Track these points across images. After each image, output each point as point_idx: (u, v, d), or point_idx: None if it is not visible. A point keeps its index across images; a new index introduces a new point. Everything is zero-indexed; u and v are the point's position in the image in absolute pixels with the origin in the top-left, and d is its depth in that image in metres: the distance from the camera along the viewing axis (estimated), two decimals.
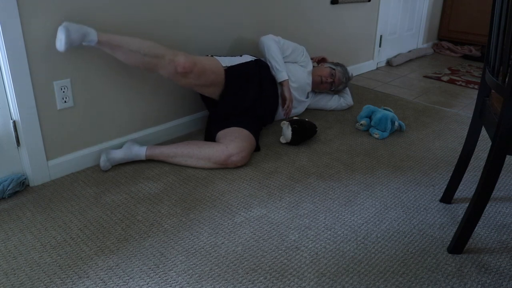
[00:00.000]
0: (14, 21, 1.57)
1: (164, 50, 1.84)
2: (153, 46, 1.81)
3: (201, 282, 1.29)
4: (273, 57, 2.27)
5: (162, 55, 1.82)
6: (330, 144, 2.23)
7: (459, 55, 4.30)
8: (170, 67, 1.84)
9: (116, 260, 1.38)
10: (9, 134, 1.71)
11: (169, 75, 1.88)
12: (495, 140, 1.27)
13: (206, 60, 2.00)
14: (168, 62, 1.83)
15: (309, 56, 2.51)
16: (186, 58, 1.86)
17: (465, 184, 1.88)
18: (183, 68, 1.85)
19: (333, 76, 2.52)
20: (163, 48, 1.84)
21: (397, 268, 1.37)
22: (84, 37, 1.69)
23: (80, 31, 1.67)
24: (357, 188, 1.82)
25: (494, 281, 1.33)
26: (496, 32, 1.32)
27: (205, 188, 1.79)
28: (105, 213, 1.61)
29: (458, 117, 2.65)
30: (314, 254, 1.42)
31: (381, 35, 3.65)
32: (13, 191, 1.70)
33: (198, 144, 1.96)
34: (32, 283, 1.27)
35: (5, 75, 1.62)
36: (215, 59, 2.05)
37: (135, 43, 1.78)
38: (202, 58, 1.98)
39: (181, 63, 1.84)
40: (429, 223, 1.61)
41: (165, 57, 1.83)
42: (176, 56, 1.84)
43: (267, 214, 1.63)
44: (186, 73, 1.87)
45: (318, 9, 2.92)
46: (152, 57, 1.81)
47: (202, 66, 1.93)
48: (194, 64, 1.88)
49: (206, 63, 1.96)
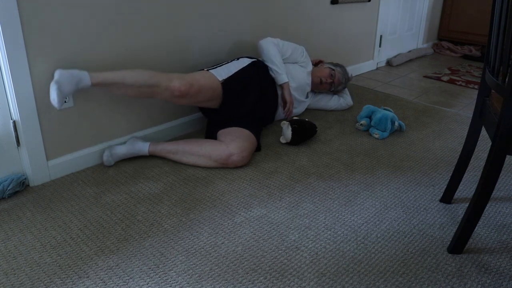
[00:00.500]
0: (14, 21, 1.57)
1: (158, 78, 1.83)
2: (147, 77, 1.81)
3: (201, 282, 1.29)
4: (273, 60, 2.27)
5: (157, 84, 1.83)
6: (330, 144, 2.23)
7: (459, 55, 4.30)
8: (167, 93, 1.86)
9: (116, 260, 1.38)
10: (9, 134, 1.71)
11: (167, 99, 1.90)
12: (495, 140, 1.27)
13: (202, 78, 1.98)
14: (165, 89, 1.85)
15: (309, 56, 2.51)
16: (181, 82, 1.86)
17: (465, 184, 1.88)
18: (179, 92, 1.86)
19: (332, 77, 2.52)
20: (157, 76, 1.84)
21: (397, 268, 1.37)
22: (77, 84, 1.70)
23: (72, 81, 1.67)
24: (357, 188, 1.82)
25: (494, 281, 1.33)
26: (496, 32, 1.32)
27: (205, 188, 1.79)
28: (105, 213, 1.61)
29: (458, 117, 2.65)
30: (314, 254, 1.42)
31: (381, 35, 3.65)
32: (13, 191, 1.70)
33: (199, 142, 1.96)
34: (32, 283, 1.27)
35: (5, 75, 1.62)
36: (211, 75, 2.03)
37: (129, 77, 1.79)
38: (198, 77, 1.96)
39: (177, 88, 1.85)
40: (429, 223, 1.61)
41: (161, 85, 1.83)
42: (171, 82, 1.85)
43: (267, 214, 1.63)
44: (183, 96, 1.88)
45: (318, 9, 2.92)
46: (148, 87, 1.82)
47: (198, 86, 1.93)
48: (190, 85, 1.88)
49: (202, 81, 1.96)
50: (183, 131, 2.30)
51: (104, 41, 1.86)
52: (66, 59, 1.76)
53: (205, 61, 2.30)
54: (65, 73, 1.67)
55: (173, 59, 2.15)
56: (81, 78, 1.70)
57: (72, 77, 1.68)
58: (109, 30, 1.86)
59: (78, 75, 1.70)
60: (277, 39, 2.34)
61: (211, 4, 2.23)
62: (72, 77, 1.68)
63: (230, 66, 2.14)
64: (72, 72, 1.69)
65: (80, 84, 1.70)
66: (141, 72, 1.82)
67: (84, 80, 1.71)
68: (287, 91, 2.28)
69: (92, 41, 1.82)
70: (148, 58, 2.04)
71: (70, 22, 1.73)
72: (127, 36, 1.93)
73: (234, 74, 2.09)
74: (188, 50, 2.20)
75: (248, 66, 2.18)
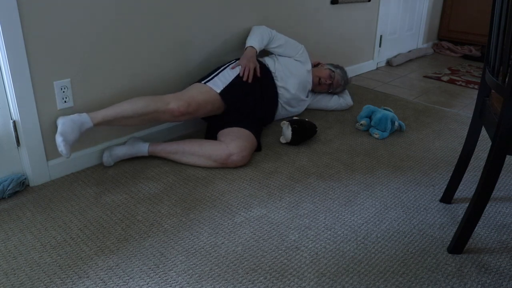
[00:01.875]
0: (14, 21, 1.57)
1: (155, 103, 1.86)
2: (144, 105, 1.84)
3: (201, 282, 1.29)
4: (251, 33, 2.29)
5: (156, 109, 1.85)
6: (330, 144, 2.23)
7: (459, 55, 4.30)
8: (167, 116, 1.89)
9: (116, 260, 1.38)
10: (9, 134, 1.71)
11: (170, 120, 1.93)
12: (495, 140, 1.27)
13: (199, 93, 1.98)
14: (163, 112, 1.87)
15: (308, 56, 2.51)
16: (178, 103, 1.89)
17: (465, 184, 1.88)
18: (179, 113, 1.89)
19: (331, 78, 2.53)
20: (154, 101, 1.86)
21: (397, 268, 1.37)
22: (80, 129, 1.73)
23: (75, 128, 1.71)
24: (357, 188, 1.82)
25: (494, 281, 1.33)
26: (496, 32, 1.32)
27: (205, 188, 1.79)
28: (105, 213, 1.61)
29: (458, 117, 2.65)
30: (314, 254, 1.42)
31: (381, 35, 3.65)
32: (13, 191, 1.70)
33: (199, 142, 1.96)
34: (32, 283, 1.28)
35: (5, 75, 1.62)
36: (207, 88, 2.03)
37: (127, 109, 1.82)
38: (194, 93, 1.98)
39: (176, 109, 1.88)
40: (429, 223, 1.61)
41: (159, 109, 1.86)
42: (169, 105, 1.87)
43: (267, 214, 1.63)
44: (183, 115, 1.91)
45: (318, 9, 2.92)
46: (148, 114, 1.85)
47: (196, 103, 1.95)
48: (188, 104, 1.91)
49: (199, 98, 1.97)
50: (183, 131, 2.30)
51: (104, 40, 1.86)
52: (66, 58, 1.76)
53: (204, 62, 2.30)
54: (67, 122, 1.71)
55: (172, 59, 2.15)
56: (82, 122, 1.74)
57: (74, 124, 1.72)
58: (109, 29, 1.86)
59: (80, 120, 1.74)
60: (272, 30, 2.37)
61: (210, 4, 2.23)
62: (74, 124, 1.72)
63: (226, 74, 2.13)
64: (73, 118, 1.73)
65: (83, 128, 1.75)
66: (138, 101, 1.85)
67: (86, 124, 1.75)
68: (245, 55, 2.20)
69: (92, 41, 1.82)
70: (148, 59, 2.04)
71: (71, 22, 1.73)
72: (127, 36, 1.93)
73: (232, 81, 2.09)
74: (187, 51, 2.20)
75: None
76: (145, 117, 1.86)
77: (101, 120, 1.78)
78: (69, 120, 1.72)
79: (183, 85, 2.24)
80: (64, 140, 1.66)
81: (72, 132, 1.70)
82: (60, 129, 1.68)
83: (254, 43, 2.25)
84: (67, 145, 1.66)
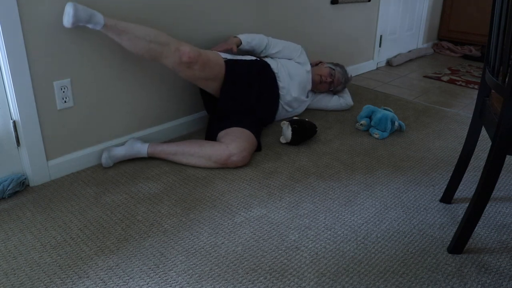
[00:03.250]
0: (14, 21, 1.57)
1: (170, 39, 1.86)
2: (159, 34, 1.83)
3: (201, 282, 1.29)
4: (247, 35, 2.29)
5: (168, 43, 1.83)
6: (330, 144, 2.23)
7: (459, 55, 4.30)
8: (175, 56, 1.85)
9: (116, 260, 1.38)
10: (9, 134, 1.71)
11: (174, 64, 1.88)
12: (495, 140, 1.27)
13: (211, 52, 2.04)
14: (174, 51, 1.85)
15: (307, 56, 2.51)
16: (191, 48, 1.89)
17: (465, 184, 1.88)
18: (188, 58, 1.86)
19: (332, 76, 2.52)
20: (169, 37, 1.86)
21: (397, 268, 1.37)
22: (91, 18, 1.68)
23: (88, 12, 1.67)
24: (357, 188, 1.82)
25: (494, 281, 1.33)
26: (496, 32, 1.32)
27: (205, 188, 1.79)
28: (105, 213, 1.61)
29: (458, 117, 2.65)
30: (314, 254, 1.42)
31: (381, 35, 3.65)
32: (13, 191, 1.70)
33: (199, 143, 1.96)
34: (32, 283, 1.28)
35: (5, 75, 1.62)
36: (218, 53, 2.10)
37: (141, 30, 1.80)
38: (207, 51, 2.03)
39: (186, 53, 1.85)
40: (429, 223, 1.61)
41: (171, 45, 1.84)
42: (182, 46, 1.86)
43: (267, 214, 1.63)
44: (191, 63, 1.88)
45: (318, 9, 2.92)
46: (158, 44, 1.81)
47: (207, 57, 1.96)
48: (199, 54, 1.91)
49: (210, 55, 2.00)
50: (183, 131, 2.30)
51: (104, 40, 1.86)
52: (66, 58, 1.76)
53: None
54: (79, 5, 1.65)
55: None
56: (95, 14, 1.70)
57: (88, 9, 1.67)
58: None
59: (93, 11, 1.69)
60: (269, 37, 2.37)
61: (210, 4, 2.23)
62: (88, 9, 1.67)
63: (235, 56, 2.19)
64: (87, 7, 1.68)
65: (93, 19, 1.69)
66: (154, 29, 1.84)
67: (97, 17, 1.70)
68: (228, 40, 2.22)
69: (92, 41, 1.82)
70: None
71: None
72: None
73: (239, 60, 2.14)
74: None
75: (252, 61, 2.20)
76: (154, 46, 1.80)
77: (113, 24, 1.73)
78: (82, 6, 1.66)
79: (185, 84, 2.24)
80: (75, 8, 1.61)
81: (84, 11, 1.65)
82: (72, 2, 1.64)
83: (241, 35, 2.28)
84: (76, 17, 1.61)
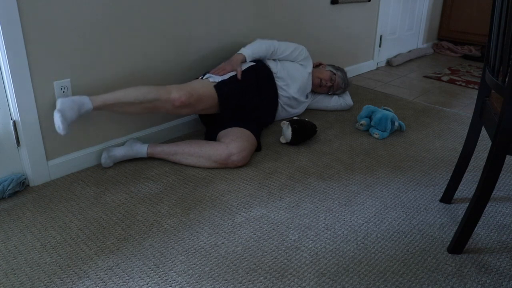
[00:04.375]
0: (14, 21, 1.57)
1: (157, 91, 1.86)
2: (147, 92, 1.84)
3: (201, 282, 1.29)
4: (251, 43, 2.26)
5: (157, 97, 1.85)
6: (330, 144, 2.23)
7: (459, 55, 4.30)
8: (168, 105, 1.88)
9: (116, 260, 1.38)
10: (9, 134, 1.71)
11: (170, 111, 1.92)
12: (495, 140, 1.27)
13: (200, 86, 1.99)
14: (165, 101, 1.87)
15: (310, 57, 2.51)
16: (180, 92, 1.89)
17: (465, 184, 1.88)
18: (180, 103, 1.89)
19: (332, 81, 2.53)
20: (156, 90, 1.86)
21: (397, 268, 1.37)
22: (80, 109, 1.72)
23: (74, 107, 1.69)
24: (357, 188, 1.82)
25: (494, 281, 1.33)
26: (496, 32, 1.32)
27: (205, 188, 1.79)
28: (105, 213, 1.61)
29: (458, 117, 2.65)
30: (314, 254, 1.42)
31: (381, 35, 3.65)
32: (13, 191, 1.70)
33: (199, 143, 1.96)
34: (32, 283, 1.28)
35: (5, 75, 1.62)
36: (208, 82, 2.03)
37: (130, 95, 1.81)
38: (196, 85, 1.98)
39: (177, 98, 1.87)
40: (429, 223, 1.61)
41: (161, 97, 1.85)
42: (170, 94, 1.87)
43: (267, 214, 1.63)
44: (184, 105, 1.90)
45: (318, 9, 2.92)
46: (149, 102, 1.84)
47: (198, 95, 1.95)
48: (189, 95, 1.91)
49: (200, 90, 1.97)
50: (183, 131, 2.30)
51: (105, 40, 1.86)
52: (66, 58, 1.76)
53: (204, 62, 2.30)
54: (67, 101, 1.69)
55: (173, 60, 2.15)
56: (82, 102, 1.73)
57: (74, 103, 1.70)
58: (109, 30, 1.86)
59: (80, 100, 1.73)
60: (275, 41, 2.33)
61: (210, 4, 2.23)
62: (74, 103, 1.70)
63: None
64: (73, 99, 1.72)
65: (82, 109, 1.73)
66: (140, 89, 1.84)
67: (85, 105, 1.74)
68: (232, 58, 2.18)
69: (92, 41, 1.82)
70: (148, 59, 2.04)
71: (71, 22, 1.73)
72: (128, 36, 1.93)
73: (229, 78, 2.09)
74: (188, 51, 2.20)
75: (245, 69, 2.17)
76: (146, 105, 1.83)
77: (101, 103, 1.76)
78: (68, 100, 1.70)
79: None
80: (62, 117, 1.63)
81: (71, 110, 1.68)
82: (59, 107, 1.66)
83: (245, 50, 2.22)
84: (65, 122, 1.63)
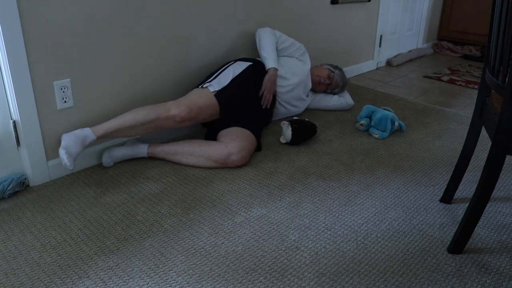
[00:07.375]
0: (14, 21, 1.57)
1: (156, 111, 1.87)
2: (146, 113, 1.85)
3: (201, 282, 1.29)
4: (263, 47, 2.28)
5: (157, 117, 1.86)
6: (330, 144, 2.23)
7: (459, 55, 4.30)
8: (169, 122, 1.90)
9: (116, 260, 1.38)
10: (9, 134, 1.71)
11: (173, 127, 1.94)
12: (495, 140, 1.27)
13: (199, 98, 1.99)
14: (165, 119, 1.88)
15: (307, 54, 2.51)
16: (179, 108, 1.89)
17: (465, 184, 1.88)
18: (181, 118, 1.90)
19: (330, 78, 2.54)
20: (154, 109, 1.87)
21: (397, 268, 1.37)
22: (83, 142, 1.76)
23: (77, 141, 1.74)
24: (357, 188, 1.82)
25: (494, 281, 1.33)
26: (496, 32, 1.32)
27: (205, 188, 1.79)
28: (105, 213, 1.61)
29: (458, 117, 2.65)
30: (314, 254, 1.42)
31: (381, 35, 3.65)
32: (13, 191, 1.70)
33: (199, 142, 1.96)
34: (32, 283, 1.28)
35: (5, 75, 1.62)
36: (207, 91, 2.02)
37: (130, 119, 1.83)
38: (194, 97, 1.98)
39: (177, 114, 1.88)
40: (429, 223, 1.61)
41: (160, 116, 1.86)
42: (170, 111, 1.88)
43: (267, 214, 1.63)
44: (185, 120, 1.92)
45: (318, 9, 2.92)
46: (150, 122, 1.86)
47: (198, 107, 1.95)
48: (189, 109, 1.91)
49: (200, 102, 1.97)
50: (183, 131, 2.30)
51: (105, 40, 1.86)
52: (66, 58, 1.76)
53: (205, 61, 2.30)
54: (70, 136, 1.74)
55: (173, 59, 2.15)
56: (85, 136, 1.77)
57: (77, 138, 1.74)
58: (109, 29, 1.86)
59: (82, 134, 1.76)
60: (276, 30, 2.37)
61: (210, 4, 2.23)
62: (77, 138, 1.74)
63: (224, 76, 2.12)
64: (76, 133, 1.76)
65: (86, 142, 1.77)
66: (139, 111, 1.86)
67: (88, 137, 1.77)
68: (270, 77, 2.21)
69: (92, 41, 1.82)
70: (148, 59, 2.04)
71: (70, 22, 1.73)
72: (128, 36, 1.93)
73: (228, 84, 2.08)
74: (188, 51, 2.20)
75: (244, 71, 2.16)
76: (148, 125, 1.86)
77: (104, 132, 1.80)
78: (71, 135, 1.75)
79: (183, 85, 2.24)
80: (67, 153, 1.68)
81: (75, 145, 1.73)
82: (63, 144, 1.71)
83: (274, 63, 2.23)
84: (70, 158, 1.68)
